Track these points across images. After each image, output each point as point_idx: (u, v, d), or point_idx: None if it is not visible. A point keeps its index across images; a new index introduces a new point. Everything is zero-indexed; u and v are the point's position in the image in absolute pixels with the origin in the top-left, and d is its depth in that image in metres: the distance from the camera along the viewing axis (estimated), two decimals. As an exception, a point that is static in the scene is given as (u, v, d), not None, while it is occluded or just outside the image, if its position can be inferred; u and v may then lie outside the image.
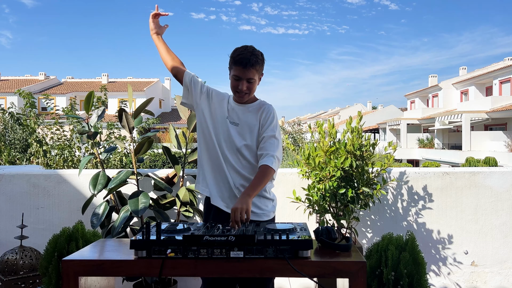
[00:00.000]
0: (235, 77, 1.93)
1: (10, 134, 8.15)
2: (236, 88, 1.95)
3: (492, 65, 27.44)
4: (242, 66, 1.89)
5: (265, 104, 2.06)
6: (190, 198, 2.77)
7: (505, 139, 20.04)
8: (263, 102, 2.07)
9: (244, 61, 1.88)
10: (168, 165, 8.63)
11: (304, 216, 2.93)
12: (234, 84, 1.95)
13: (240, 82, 1.93)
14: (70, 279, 1.53)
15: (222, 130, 2.00)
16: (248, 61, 1.88)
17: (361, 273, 1.50)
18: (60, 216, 3.07)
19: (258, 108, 2.03)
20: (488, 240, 3.01)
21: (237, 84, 1.94)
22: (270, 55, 17.52)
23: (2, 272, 2.55)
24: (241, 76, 1.91)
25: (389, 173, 3.03)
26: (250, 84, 1.94)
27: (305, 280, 2.95)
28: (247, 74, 1.91)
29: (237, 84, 1.94)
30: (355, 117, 2.88)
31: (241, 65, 1.89)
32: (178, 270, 1.55)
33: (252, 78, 1.93)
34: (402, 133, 28.59)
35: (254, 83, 1.96)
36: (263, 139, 1.97)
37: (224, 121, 2.01)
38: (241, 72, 1.90)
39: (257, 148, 1.99)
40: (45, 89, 32.87)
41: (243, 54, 1.90)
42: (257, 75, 1.96)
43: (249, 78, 1.92)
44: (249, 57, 1.89)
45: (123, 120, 2.67)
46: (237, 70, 1.91)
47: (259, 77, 2.00)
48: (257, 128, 2.00)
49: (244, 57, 1.89)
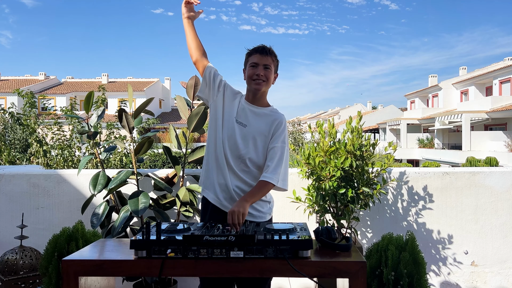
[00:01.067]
0: (253, 64, 2.01)
1: (10, 134, 8.15)
2: (253, 75, 2.00)
3: (492, 65, 27.44)
4: (259, 53, 2.01)
5: (277, 113, 2.08)
6: (190, 198, 2.77)
7: (505, 139, 20.04)
8: (275, 111, 2.10)
9: (261, 48, 2.02)
10: (168, 165, 8.63)
11: (304, 216, 2.93)
12: (251, 72, 2.01)
13: (257, 68, 1.99)
14: (70, 279, 1.53)
15: (228, 129, 2.01)
16: (264, 48, 2.02)
17: (361, 273, 1.50)
18: (60, 216, 3.07)
19: (270, 116, 2.05)
20: (488, 240, 3.01)
21: (254, 71, 2.00)
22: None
23: (2, 272, 2.54)
24: (259, 62, 2.00)
25: (389, 173, 3.03)
26: (267, 71, 2.00)
27: (305, 280, 2.95)
28: (264, 60, 2.00)
29: (254, 71, 2.00)
30: (355, 117, 2.88)
31: (259, 52, 2.01)
32: (178, 270, 1.55)
33: (268, 65, 2.00)
34: (402, 133, 28.59)
35: (270, 72, 2.02)
36: (272, 149, 1.99)
37: (232, 121, 2.02)
38: (259, 58, 2.00)
39: (263, 157, 2.00)
40: (45, 89, 32.88)
41: (261, 45, 2.05)
42: (273, 65, 2.03)
43: (266, 64, 2.00)
44: (266, 46, 2.04)
45: (123, 120, 2.67)
46: (255, 57, 2.01)
47: (274, 71, 2.06)
48: (264, 137, 2.01)
49: (262, 46, 2.04)
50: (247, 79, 2.03)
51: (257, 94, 2.03)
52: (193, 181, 2.98)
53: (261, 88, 2.01)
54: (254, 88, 2.01)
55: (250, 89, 2.04)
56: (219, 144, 1.99)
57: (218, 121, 2.02)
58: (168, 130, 3.93)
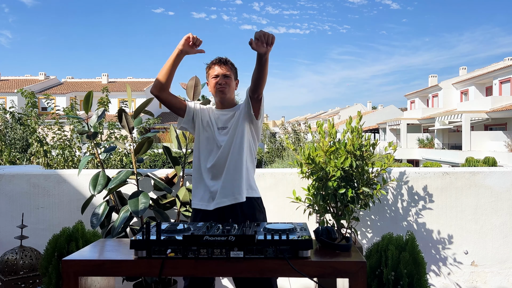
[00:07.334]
0: (214, 76, 2.20)
1: (10, 134, 8.15)
2: (215, 84, 2.19)
3: (492, 65, 27.43)
4: (217, 64, 2.20)
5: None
6: (190, 198, 2.77)
7: (505, 139, 20.03)
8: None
9: (218, 60, 2.22)
10: (168, 165, 8.63)
11: (304, 216, 2.93)
12: (213, 83, 2.20)
13: (218, 78, 2.19)
14: (70, 279, 1.53)
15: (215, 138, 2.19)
16: (221, 59, 2.22)
17: (361, 273, 1.50)
18: (60, 216, 3.07)
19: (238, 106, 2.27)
20: (488, 240, 3.01)
21: (216, 81, 2.19)
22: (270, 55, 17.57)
23: (2, 272, 2.55)
24: (218, 73, 2.19)
25: (389, 173, 3.03)
26: (228, 79, 2.19)
27: (305, 280, 2.95)
28: (223, 69, 2.19)
29: (216, 81, 2.19)
30: (355, 117, 2.88)
31: (216, 63, 2.21)
32: (178, 270, 1.55)
33: (228, 74, 2.19)
34: (402, 133, 28.58)
35: (231, 79, 2.21)
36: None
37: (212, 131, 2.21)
38: (218, 69, 2.19)
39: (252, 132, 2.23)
40: (45, 89, 32.85)
41: (217, 58, 2.24)
42: (232, 74, 2.21)
43: (225, 73, 2.19)
44: (222, 58, 2.23)
45: (123, 121, 2.68)
46: (214, 69, 2.21)
47: (234, 78, 2.25)
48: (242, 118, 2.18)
49: (218, 58, 2.23)
50: (212, 90, 2.23)
51: (223, 101, 2.23)
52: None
53: (225, 95, 2.20)
54: (219, 96, 2.20)
55: (217, 98, 2.23)
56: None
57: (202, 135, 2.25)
58: (168, 130, 3.93)
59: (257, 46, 1.86)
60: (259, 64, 1.95)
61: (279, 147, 17.22)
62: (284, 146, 16.25)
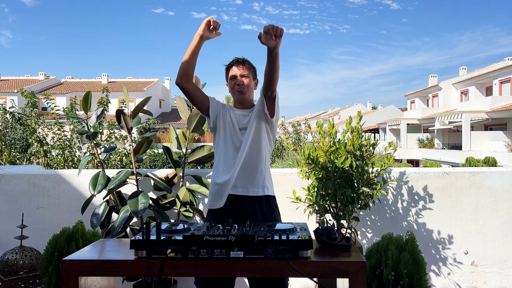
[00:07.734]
0: (232, 77, 2.20)
1: (10, 134, 8.15)
2: (234, 85, 2.19)
3: (492, 65, 27.42)
4: (235, 65, 2.20)
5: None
6: (190, 198, 2.77)
7: (505, 139, 20.02)
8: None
9: (235, 60, 2.22)
10: (168, 165, 8.63)
11: (304, 216, 2.93)
12: (232, 84, 2.20)
13: (236, 79, 2.19)
14: (70, 279, 1.53)
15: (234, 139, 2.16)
16: (238, 60, 2.22)
17: (361, 273, 1.50)
18: (60, 216, 3.07)
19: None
20: (488, 240, 3.01)
21: (234, 82, 2.19)
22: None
23: (2, 272, 2.54)
24: (236, 74, 2.19)
25: (389, 173, 3.03)
26: (246, 79, 2.19)
27: (305, 280, 2.95)
28: (241, 70, 2.19)
29: (235, 82, 2.19)
30: (355, 117, 2.88)
31: (234, 64, 2.21)
32: (178, 270, 1.54)
33: (245, 74, 2.19)
34: (402, 133, 28.57)
35: (249, 79, 2.20)
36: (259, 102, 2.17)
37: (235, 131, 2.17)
38: (236, 70, 2.19)
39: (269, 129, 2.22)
40: (45, 89, 32.86)
41: (235, 58, 2.24)
42: (250, 73, 2.21)
43: (243, 74, 2.19)
44: (240, 58, 2.23)
45: (122, 121, 2.68)
46: (232, 70, 2.20)
47: (253, 78, 2.24)
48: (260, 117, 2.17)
49: (236, 58, 2.23)
50: (231, 91, 2.23)
51: (243, 101, 2.22)
52: (193, 181, 2.98)
53: (244, 94, 2.20)
54: (239, 97, 2.20)
55: (236, 99, 2.23)
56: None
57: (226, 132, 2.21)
58: (168, 130, 3.93)
59: (266, 39, 1.86)
60: (270, 59, 1.94)
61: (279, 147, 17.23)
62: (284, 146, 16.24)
